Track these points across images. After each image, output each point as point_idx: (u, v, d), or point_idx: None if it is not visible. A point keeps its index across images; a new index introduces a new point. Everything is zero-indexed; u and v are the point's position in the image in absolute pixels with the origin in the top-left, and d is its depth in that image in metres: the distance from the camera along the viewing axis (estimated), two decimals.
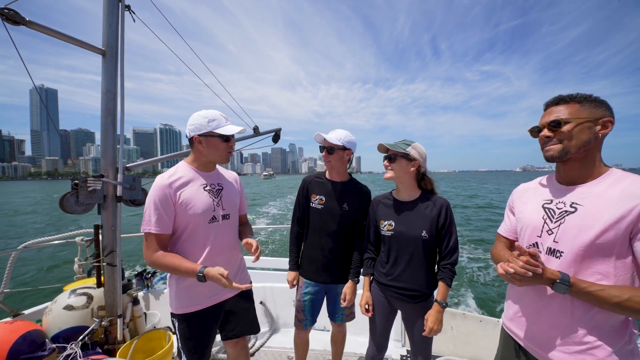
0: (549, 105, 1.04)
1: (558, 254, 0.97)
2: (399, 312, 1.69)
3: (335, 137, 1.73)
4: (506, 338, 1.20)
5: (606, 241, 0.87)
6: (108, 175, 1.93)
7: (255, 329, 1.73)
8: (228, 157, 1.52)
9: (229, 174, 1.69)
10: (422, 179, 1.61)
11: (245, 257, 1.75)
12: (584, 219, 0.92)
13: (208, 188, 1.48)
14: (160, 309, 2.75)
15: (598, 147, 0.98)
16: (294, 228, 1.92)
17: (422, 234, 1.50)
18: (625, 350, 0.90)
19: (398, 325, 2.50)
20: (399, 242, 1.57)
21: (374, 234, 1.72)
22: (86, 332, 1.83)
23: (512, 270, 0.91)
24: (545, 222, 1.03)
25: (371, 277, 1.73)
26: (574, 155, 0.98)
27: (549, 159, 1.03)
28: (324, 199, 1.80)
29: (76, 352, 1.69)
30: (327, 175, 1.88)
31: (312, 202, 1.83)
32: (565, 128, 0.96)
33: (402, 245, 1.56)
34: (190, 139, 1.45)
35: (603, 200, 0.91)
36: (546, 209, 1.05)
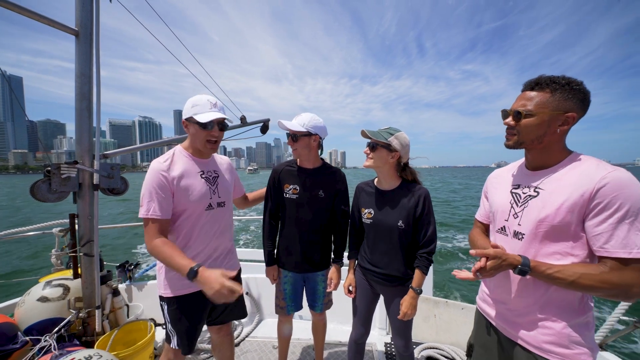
0: (525, 87, 1.03)
1: (520, 236, 1.03)
2: (382, 298, 1.73)
3: (298, 122, 1.62)
4: (479, 317, 1.27)
5: (562, 222, 0.92)
6: (84, 163, 1.85)
7: (243, 313, 1.73)
8: (211, 147, 1.45)
9: (223, 160, 1.67)
10: (404, 169, 1.61)
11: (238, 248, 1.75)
12: (544, 202, 0.97)
13: (205, 175, 1.47)
14: (143, 301, 2.69)
15: (559, 137, 0.99)
16: (267, 220, 1.82)
17: (399, 224, 1.52)
18: (581, 323, 0.96)
19: (383, 313, 2.54)
20: (377, 230, 1.59)
21: (358, 221, 1.74)
22: (62, 324, 1.78)
23: (482, 264, 0.97)
24: (512, 207, 1.08)
25: (355, 261, 1.77)
26: (529, 146, 1.02)
27: (506, 147, 1.08)
28: (298, 188, 1.73)
29: (51, 344, 1.64)
30: (298, 162, 1.78)
31: (286, 193, 1.74)
32: (524, 122, 0.99)
33: (379, 233, 1.59)
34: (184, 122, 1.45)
35: (562, 183, 0.95)
36: (513, 194, 1.09)
